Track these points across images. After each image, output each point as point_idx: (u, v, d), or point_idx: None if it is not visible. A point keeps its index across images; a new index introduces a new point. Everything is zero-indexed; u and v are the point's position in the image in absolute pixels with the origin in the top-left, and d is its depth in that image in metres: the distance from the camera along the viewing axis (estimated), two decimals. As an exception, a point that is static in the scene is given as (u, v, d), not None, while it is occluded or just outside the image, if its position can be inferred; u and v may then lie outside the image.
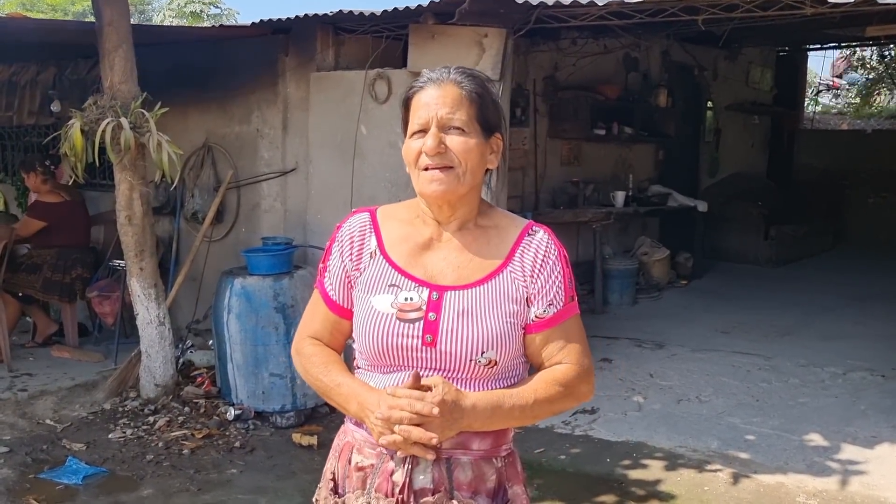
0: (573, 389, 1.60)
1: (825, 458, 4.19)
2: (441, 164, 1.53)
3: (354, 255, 1.64)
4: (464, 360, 1.54)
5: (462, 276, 1.58)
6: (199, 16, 25.93)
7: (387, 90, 4.88)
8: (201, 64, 5.76)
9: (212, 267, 5.68)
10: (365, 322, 1.58)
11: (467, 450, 1.56)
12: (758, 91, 10.47)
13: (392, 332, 1.55)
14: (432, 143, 1.52)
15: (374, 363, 1.60)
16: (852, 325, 6.48)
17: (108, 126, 4.21)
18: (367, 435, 1.58)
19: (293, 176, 5.43)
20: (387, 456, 1.57)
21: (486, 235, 1.62)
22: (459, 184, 1.54)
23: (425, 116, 1.54)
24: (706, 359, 5.61)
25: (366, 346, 1.58)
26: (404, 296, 1.56)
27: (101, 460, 4.14)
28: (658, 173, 8.82)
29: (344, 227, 1.68)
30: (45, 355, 5.75)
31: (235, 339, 4.68)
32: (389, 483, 1.55)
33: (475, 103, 1.56)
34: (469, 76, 1.58)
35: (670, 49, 8.58)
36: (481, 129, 1.57)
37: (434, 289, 1.57)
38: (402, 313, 1.55)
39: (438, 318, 1.54)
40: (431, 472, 1.55)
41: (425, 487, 1.54)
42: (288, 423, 4.65)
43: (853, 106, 14.97)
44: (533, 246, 1.61)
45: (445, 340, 1.53)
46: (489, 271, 1.59)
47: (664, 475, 4.03)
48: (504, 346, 1.55)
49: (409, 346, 1.54)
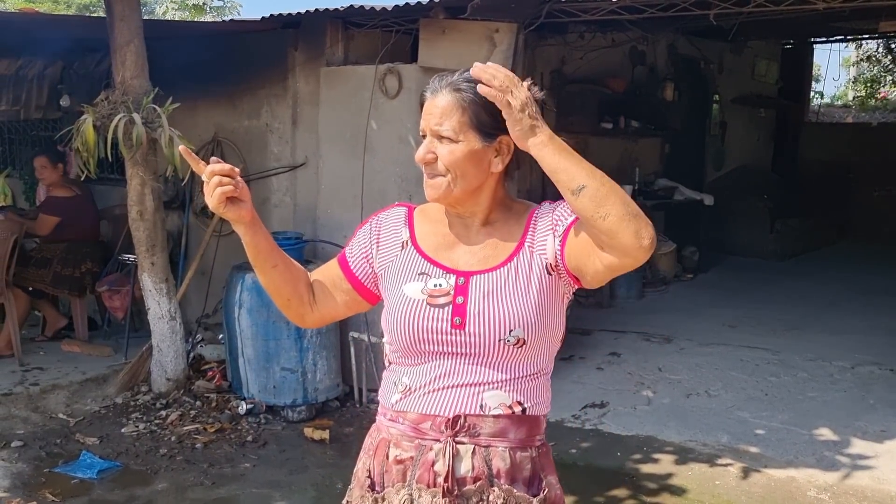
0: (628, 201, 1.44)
1: (835, 452, 4.21)
2: (432, 173, 1.61)
3: (382, 240, 1.73)
4: (492, 340, 1.59)
5: (485, 262, 1.65)
6: (201, 8, 25.83)
7: (397, 85, 4.88)
8: (210, 58, 5.74)
9: (221, 261, 5.69)
10: (397, 309, 1.65)
11: (504, 439, 1.62)
12: (763, 84, 10.46)
13: (423, 316, 1.61)
14: (420, 153, 1.62)
15: (405, 352, 1.66)
16: (859, 320, 6.49)
17: (121, 121, 4.22)
18: (405, 429, 1.65)
19: (303, 171, 5.44)
20: (426, 447, 1.62)
21: (505, 224, 1.69)
22: (450, 190, 1.61)
23: (423, 126, 1.62)
24: (714, 353, 5.63)
25: (397, 333, 1.64)
26: (433, 282, 1.64)
27: (114, 454, 4.17)
28: (664, 167, 8.82)
29: (382, 213, 1.79)
30: (55, 349, 5.77)
31: (246, 334, 4.70)
32: (431, 473, 1.60)
33: (468, 110, 1.57)
34: (465, 82, 1.57)
35: (676, 42, 8.56)
36: (479, 135, 1.58)
37: (460, 274, 1.64)
38: (431, 299, 1.62)
39: (466, 300, 1.60)
40: (472, 461, 1.60)
41: (466, 476, 1.60)
42: (299, 418, 4.68)
43: (858, 98, 14.95)
44: (541, 217, 1.67)
45: (473, 322, 1.59)
46: (509, 253, 1.65)
47: (675, 469, 4.06)
48: (532, 324, 1.59)
49: (439, 329, 1.60)
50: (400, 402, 1.65)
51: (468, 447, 1.60)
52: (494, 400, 1.61)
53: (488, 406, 1.61)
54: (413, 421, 1.64)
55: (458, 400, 1.61)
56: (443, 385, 1.62)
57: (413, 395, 1.64)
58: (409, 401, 1.64)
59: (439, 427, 1.61)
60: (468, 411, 1.60)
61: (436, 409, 1.61)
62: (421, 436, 1.63)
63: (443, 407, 1.61)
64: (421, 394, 1.63)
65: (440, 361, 1.62)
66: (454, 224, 1.70)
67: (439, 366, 1.63)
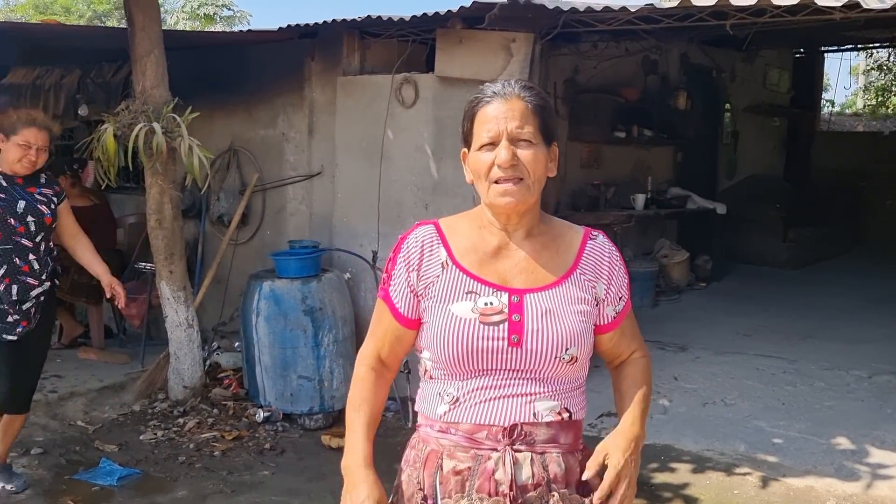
0: (650, 373, 1.81)
1: (853, 461, 4.19)
2: (513, 176, 1.60)
3: (422, 265, 1.69)
4: (548, 357, 1.61)
5: (536, 280, 1.66)
6: (212, 17, 26.03)
7: (413, 94, 4.91)
8: (226, 68, 5.80)
9: (237, 269, 5.72)
10: (445, 329, 1.63)
11: (557, 444, 1.65)
12: (775, 93, 10.46)
13: (476, 335, 1.61)
14: (506, 156, 1.58)
15: (453, 371, 1.65)
16: (875, 329, 6.47)
17: (141, 131, 4.26)
18: (458, 439, 1.65)
19: (319, 179, 5.47)
20: (483, 457, 1.62)
21: (552, 242, 1.70)
22: (529, 194, 1.62)
23: (495, 129, 1.60)
24: (730, 361, 5.62)
25: (446, 354, 1.63)
26: (484, 301, 1.63)
27: (134, 461, 4.19)
28: (676, 175, 8.82)
29: (409, 237, 1.73)
30: (72, 357, 5.81)
31: (264, 342, 4.73)
32: (491, 483, 1.61)
33: (539, 115, 1.62)
34: (530, 89, 1.65)
35: (689, 51, 8.58)
36: (544, 140, 1.63)
37: (513, 292, 1.64)
38: (484, 317, 1.62)
39: (522, 318, 1.61)
40: (531, 468, 1.62)
41: (527, 483, 1.61)
42: (316, 425, 4.69)
43: (869, 107, 14.92)
44: (597, 250, 1.73)
45: (531, 340, 1.61)
46: (560, 275, 1.67)
47: (693, 478, 4.04)
48: (583, 343, 1.65)
49: (494, 348, 1.61)
50: (449, 413, 1.65)
51: (526, 455, 1.62)
52: (545, 407, 1.64)
53: (541, 413, 1.63)
54: (467, 431, 1.64)
55: (513, 409, 1.62)
56: (494, 395, 1.63)
57: (462, 405, 1.64)
58: (459, 411, 1.64)
59: (496, 436, 1.62)
60: (523, 419, 1.62)
61: (491, 419, 1.62)
62: (477, 445, 1.63)
63: (498, 416, 1.62)
64: (471, 404, 1.63)
65: (490, 376, 1.63)
66: (492, 237, 1.69)
67: (489, 379, 1.63)
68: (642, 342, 1.82)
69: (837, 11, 3.96)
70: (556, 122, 1.69)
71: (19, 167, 3.60)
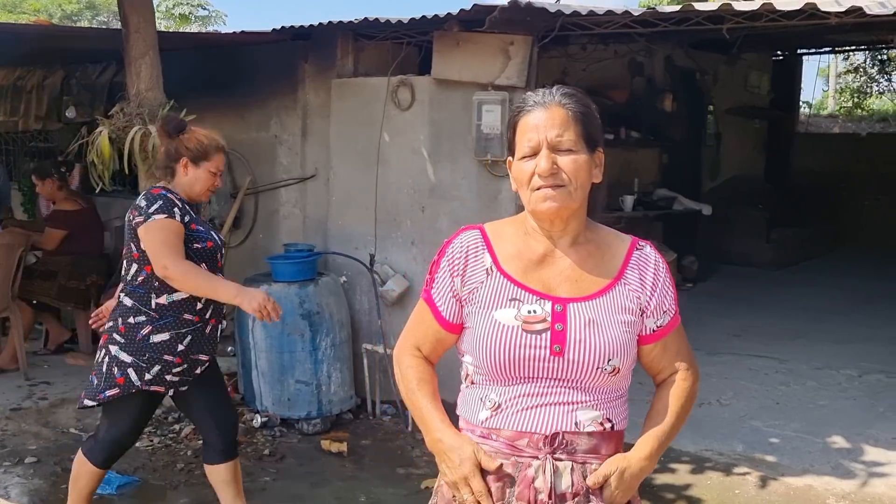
0: (695, 393, 1.76)
1: (849, 460, 4.25)
2: (553, 184, 1.59)
3: (467, 271, 1.69)
4: (591, 368, 1.61)
5: (580, 289, 1.65)
6: (187, 17, 25.74)
7: (410, 97, 4.89)
8: (217, 69, 5.74)
9: (229, 273, 5.59)
10: (488, 336, 1.63)
11: (598, 455, 1.65)
12: (756, 95, 10.57)
13: (519, 343, 1.61)
14: (546, 165, 1.58)
15: (495, 377, 1.65)
16: (862, 328, 6.57)
17: (137, 134, 4.20)
18: (500, 445, 1.64)
19: (313, 182, 5.43)
20: (524, 464, 1.62)
21: (598, 250, 1.70)
22: (571, 200, 1.61)
23: (536, 139, 1.60)
24: (723, 362, 5.67)
25: (489, 360, 1.63)
26: (527, 308, 1.62)
27: (131, 469, 4.13)
28: (662, 177, 8.89)
29: (455, 242, 1.73)
30: (60, 363, 5.73)
31: (261, 347, 4.68)
32: (531, 490, 1.61)
33: (580, 122, 1.63)
34: (572, 96, 1.65)
35: (673, 54, 8.65)
36: (586, 146, 1.63)
37: (556, 301, 1.63)
38: (527, 325, 1.61)
39: (565, 328, 1.61)
40: (571, 477, 1.61)
41: (566, 492, 1.61)
42: (314, 430, 4.66)
43: (845, 109, 15.15)
44: (643, 260, 1.72)
45: (574, 349, 1.60)
46: (605, 284, 1.66)
47: (693, 479, 4.08)
48: (626, 354, 1.64)
49: (537, 356, 1.61)
50: (491, 419, 1.65)
51: (566, 464, 1.62)
52: (588, 417, 1.63)
53: (582, 423, 1.63)
54: (508, 438, 1.64)
55: (555, 417, 1.62)
56: (536, 403, 1.62)
57: (504, 412, 1.64)
58: (501, 418, 1.64)
59: (537, 444, 1.62)
60: (564, 428, 1.62)
61: (532, 427, 1.62)
62: (518, 453, 1.63)
63: (539, 424, 1.62)
64: (513, 411, 1.63)
65: (532, 384, 1.63)
66: (538, 244, 1.68)
67: (531, 387, 1.63)
68: (692, 362, 1.78)
69: (834, 16, 4.01)
70: (600, 128, 1.68)
71: (205, 195, 3.24)
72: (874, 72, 13.72)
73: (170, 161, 3.15)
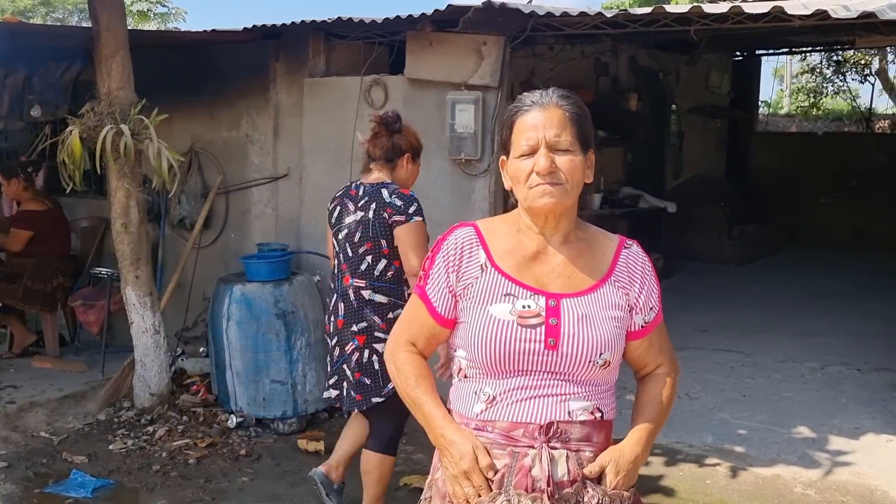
0: (676, 385, 1.83)
1: (814, 449, 4.39)
2: (551, 181, 1.64)
3: (462, 266, 1.72)
4: (584, 361, 1.66)
5: (572, 285, 1.70)
6: (145, 14, 25.29)
7: (383, 97, 4.91)
8: (186, 68, 5.68)
9: (200, 274, 5.62)
10: (483, 330, 1.67)
11: (590, 443, 1.70)
12: (717, 95, 10.77)
13: (514, 337, 1.65)
14: (545, 164, 1.63)
15: (490, 370, 1.68)
16: (822, 322, 6.75)
17: (109, 133, 4.15)
18: (495, 437, 1.68)
19: (285, 182, 5.41)
20: (520, 454, 1.66)
21: (588, 249, 1.75)
22: (567, 197, 1.66)
23: (535, 138, 1.64)
24: (691, 357, 5.78)
25: (483, 354, 1.67)
26: (522, 303, 1.67)
27: (106, 472, 4.09)
28: (627, 175, 9.02)
29: (450, 238, 1.76)
30: (26, 366, 5.61)
31: (235, 347, 4.66)
32: (528, 479, 1.64)
33: (576, 124, 1.67)
34: (568, 98, 1.70)
35: (637, 54, 8.78)
36: (581, 147, 1.68)
37: (550, 296, 1.68)
38: (522, 319, 1.65)
39: (559, 322, 1.65)
40: (567, 465, 1.66)
41: (563, 479, 1.66)
42: (290, 430, 4.65)
43: (802, 109, 15.51)
44: (631, 259, 1.77)
45: (568, 343, 1.65)
46: (595, 281, 1.72)
47: (665, 470, 4.17)
48: (616, 348, 1.70)
49: (531, 350, 1.65)
50: (486, 412, 1.69)
51: (562, 452, 1.67)
52: (579, 407, 1.69)
53: (575, 412, 1.68)
54: (504, 429, 1.68)
55: (548, 408, 1.67)
56: (530, 395, 1.67)
57: (499, 404, 1.68)
58: (496, 410, 1.68)
59: (532, 434, 1.66)
60: (558, 418, 1.67)
61: (528, 417, 1.67)
62: (513, 443, 1.67)
63: (534, 414, 1.66)
64: (508, 403, 1.68)
65: (527, 377, 1.67)
66: (531, 241, 1.73)
67: (525, 379, 1.68)
68: (672, 357, 1.86)
69: (797, 19, 4.13)
70: (593, 130, 1.73)
71: None
72: (829, 72, 14.07)
73: (394, 155, 3.32)
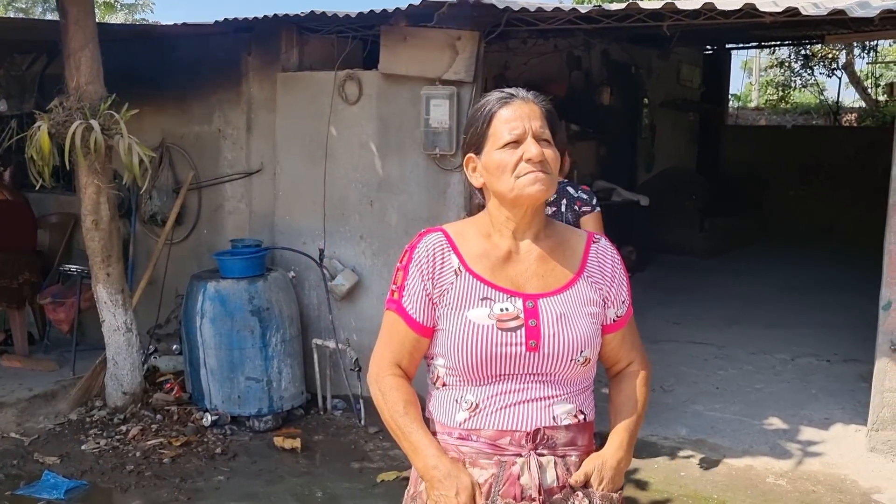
0: (650, 384, 1.83)
1: (786, 440, 4.46)
2: (544, 169, 1.64)
3: (436, 273, 1.69)
4: (566, 360, 1.65)
5: (547, 284, 1.69)
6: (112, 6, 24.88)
7: (357, 91, 4.88)
8: (155, 61, 5.58)
9: (172, 270, 5.55)
10: (462, 336, 1.64)
11: (575, 447, 1.69)
12: (688, 89, 10.86)
13: (495, 341, 1.62)
14: (537, 151, 1.62)
15: (471, 377, 1.66)
16: (791, 314, 6.84)
17: (78, 129, 4.08)
18: (481, 446, 1.66)
19: (258, 177, 5.36)
20: (507, 462, 1.64)
21: (559, 246, 1.74)
22: (553, 186, 1.66)
23: (521, 127, 1.64)
24: (664, 349, 5.84)
25: (463, 360, 1.64)
26: (499, 307, 1.65)
27: (78, 473, 4.04)
28: (599, 169, 9.06)
29: (420, 246, 1.72)
30: (-6, 365, 5.52)
31: (209, 344, 4.62)
32: (516, 487, 1.63)
33: (549, 122, 1.68)
34: (539, 97, 1.71)
35: (610, 49, 8.82)
36: (554, 141, 1.69)
37: (527, 297, 1.66)
38: (501, 323, 1.63)
39: (539, 323, 1.64)
40: (555, 471, 1.65)
41: (552, 486, 1.65)
42: (266, 427, 4.63)
43: (770, 102, 15.69)
44: (601, 253, 1.77)
45: (549, 343, 1.64)
46: (570, 278, 1.71)
47: (640, 463, 4.20)
48: (595, 344, 1.70)
49: (513, 353, 1.63)
50: (469, 420, 1.66)
51: (549, 458, 1.66)
52: (563, 411, 1.67)
53: (559, 417, 1.67)
54: (490, 438, 1.65)
55: (534, 414, 1.65)
56: (515, 401, 1.65)
57: (483, 412, 1.65)
58: (480, 418, 1.65)
59: (519, 441, 1.64)
60: (544, 424, 1.65)
61: (513, 425, 1.64)
62: (500, 451, 1.65)
63: (520, 422, 1.64)
64: (492, 410, 1.65)
65: (508, 381, 1.65)
66: (502, 240, 1.71)
67: (507, 384, 1.65)
68: (642, 352, 1.85)
69: (769, 15, 4.17)
70: (564, 137, 1.75)
71: None
72: (797, 66, 14.24)
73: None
